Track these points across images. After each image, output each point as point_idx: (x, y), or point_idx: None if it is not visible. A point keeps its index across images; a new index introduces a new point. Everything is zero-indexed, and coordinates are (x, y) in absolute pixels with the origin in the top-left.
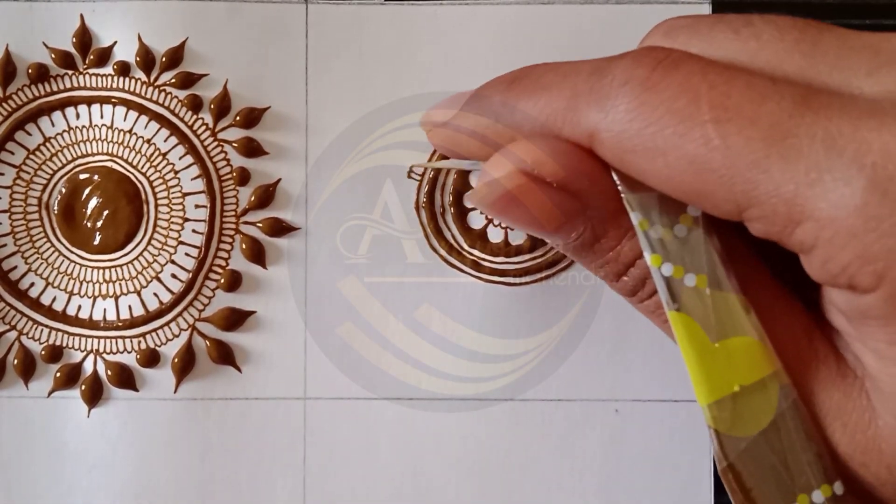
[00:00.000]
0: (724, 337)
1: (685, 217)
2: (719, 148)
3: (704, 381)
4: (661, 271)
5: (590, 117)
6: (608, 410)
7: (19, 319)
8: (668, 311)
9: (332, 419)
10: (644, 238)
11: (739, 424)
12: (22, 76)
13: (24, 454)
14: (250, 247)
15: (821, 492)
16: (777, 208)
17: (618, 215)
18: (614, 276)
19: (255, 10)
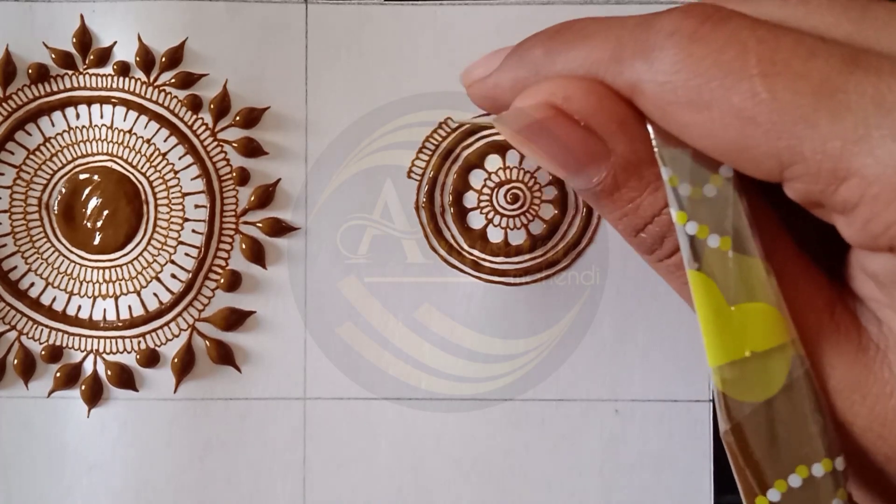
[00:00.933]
0: (741, 301)
1: (716, 177)
2: (766, 101)
3: (716, 343)
4: (685, 229)
5: (634, 68)
6: (608, 410)
7: (19, 319)
8: (688, 269)
9: (332, 419)
10: (672, 194)
11: (747, 390)
12: (22, 76)
13: (24, 454)
14: (250, 247)
15: (821, 465)
16: (822, 164)
17: (641, 166)
18: (633, 230)
19: (255, 10)
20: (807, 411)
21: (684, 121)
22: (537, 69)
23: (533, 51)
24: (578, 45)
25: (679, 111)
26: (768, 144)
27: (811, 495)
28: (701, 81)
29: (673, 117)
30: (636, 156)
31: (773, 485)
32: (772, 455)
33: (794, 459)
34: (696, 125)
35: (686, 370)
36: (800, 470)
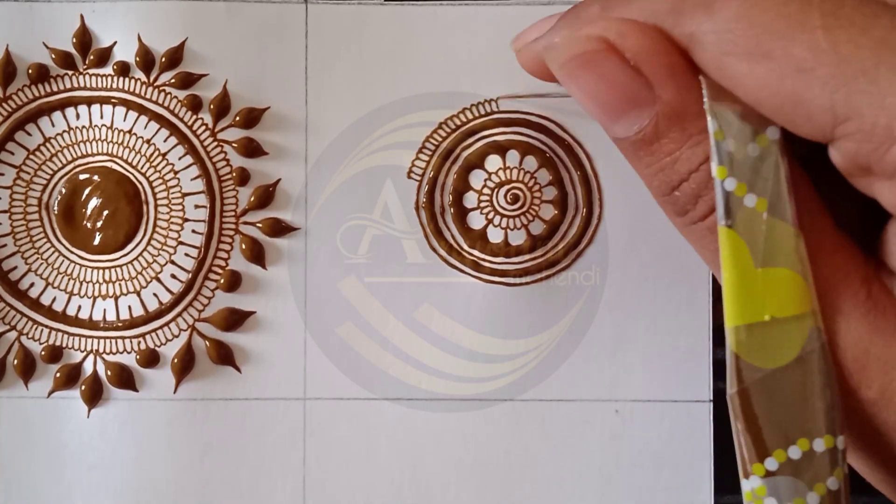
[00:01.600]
0: (768, 264)
1: (762, 137)
2: (827, 53)
3: (736, 303)
4: (723, 184)
5: (694, 18)
6: (608, 410)
7: (19, 319)
8: (719, 225)
9: (332, 419)
10: (715, 148)
11: (761, 354)
12: (22, 76)
13: (24, 454)
14: (250, 247)
15: (823, 441)
16: (878, 120)
17: (685, 117)
18: (667, 187)
19: (255, 10)
20: (816, 385)
21: (741, 71)
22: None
23: (590, 8)
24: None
25: (737, 62)
26: (824, 97)
27: (809, 469)
28: (762, 31)
29: (730, 68)
30: (682, 106)
31: (772, 453)
32: (775, 424)
33: (796, 431)
34: (752, 76)
35: (686, 370)
36: (801, 442)
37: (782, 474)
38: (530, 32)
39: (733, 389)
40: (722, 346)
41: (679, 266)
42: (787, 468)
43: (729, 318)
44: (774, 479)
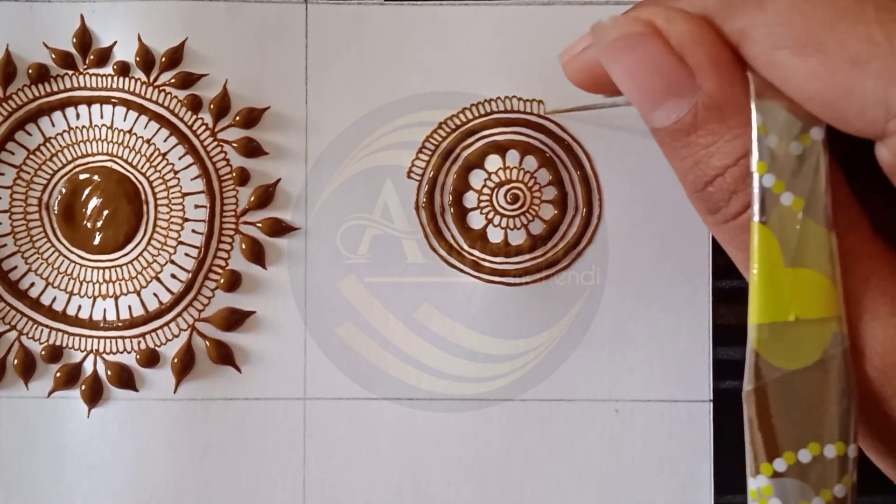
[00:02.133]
0: (798, 265)
1: (805, 137)
2: (882, 45)
3: (763, 301)
4: (762, 180)
5: (745, 12)
6: (608, 411)
7: (19, 319)
8: (753, 220)
9: (332, 419)
10: (757, 143)
11: (781, 354)
12: (22, 76)
13: (24, 454)
14: (250, 247)
15: (835, 447)
16: None
17: (725, 110)
18: (701, 183)
19: (255, 10)
20: (834, 391)
21: (793, 65)
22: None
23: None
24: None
25: (788, 55)
26: (878, 90)
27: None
28: (814, 24)
29: (781, 62)
30: (722, 98)
31: (781, 454)
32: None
33: (808, 435)
34: (804, 69)
35: (686, 370)
36: (812, 447)
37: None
38: (578, 44)
39: (750, 386)
40: (722, 346)
41: (679, 266)
42: (796, 471)
43: (753, 315)
44: (782, 481)
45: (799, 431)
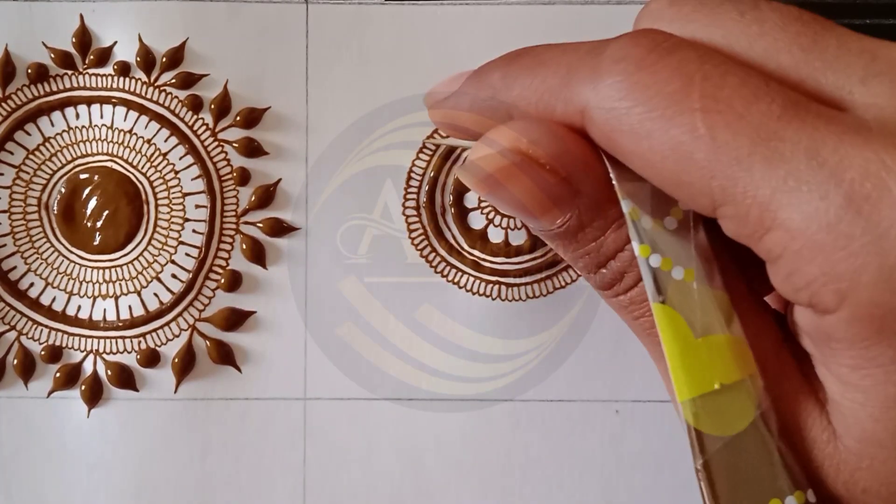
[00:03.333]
0: (707, 333)
1: (676, 210)
2: (704, 138)
3: (685, 377)
4: (648, 262)
5: (582, 93)
6: (608, 411)
7: (19, 319)
8: (653, 303)
9: (332, 419)
10: (633, 228)
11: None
12: (21, 76)
13: (24, 454)
14: (250, 247)
15: (794, 498)
16: (751, 210)
17: (606, 205)
18: (594, 267)
19: (255, 10)
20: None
21: (627, 150)
22: (494, 93)
23: (491, 75)
24: (533, 71)
25: (622, 139)
26: (702, 181)
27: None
28: (643, 110)
29: (617, 145)
30: (602, 195)
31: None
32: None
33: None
34: (637, 155)
35: None
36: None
37: None
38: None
39: (699, 462)
40: None
41: None
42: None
43: (680, 394)
44: None
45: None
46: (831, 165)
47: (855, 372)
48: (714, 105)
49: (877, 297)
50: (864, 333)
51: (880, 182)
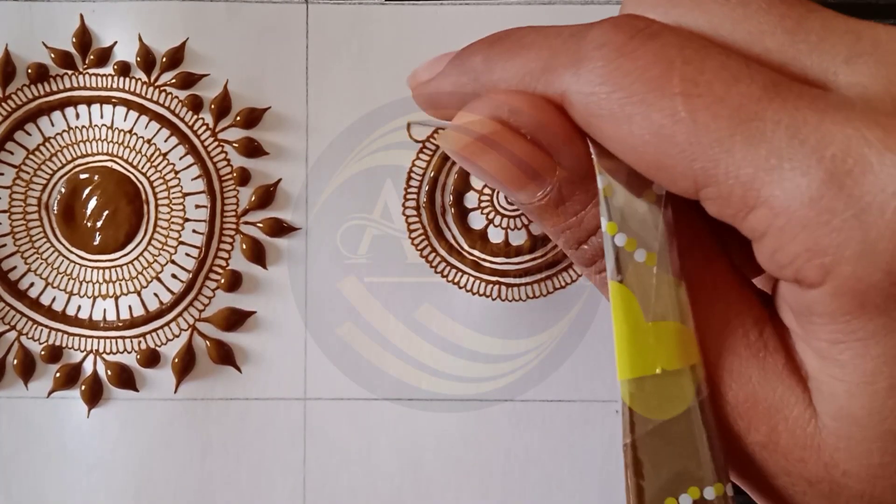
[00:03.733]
0: (658, 318)
1: (649, 193)
2: (685, 121)
3: (629, 357)
4: (613, 240)
5: (563, 78)
6: (608, 411)
7: (19, 319)
8: (610, 280)
9: (332, 419)
10: (605, 204)
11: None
12: (22, 76)
13: (24, 454)
14: (250, 247)
15: (713, 489)
16: (733, 190)
17: (586, 179)
18: (574, 242)
19: (255, 10)
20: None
21: (607, 134)
22: (476, 76)
23: (473, 58)
24: (515, 54)
25: (602, 124)
26: (684, 164)
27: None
28: (624, 95)
29: (597, 130)
30: (582, 169)
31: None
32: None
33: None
34: (617, 139)
35: None
36: (692, 491)
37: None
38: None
39: (627, 440)
40: None
41: None
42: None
43: (621, 372)
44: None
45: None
46: (812, 142)
47: (834, 346)
48: (694, 89)
49: (859, 270)
50: (847, 307)
51: (862, 157)
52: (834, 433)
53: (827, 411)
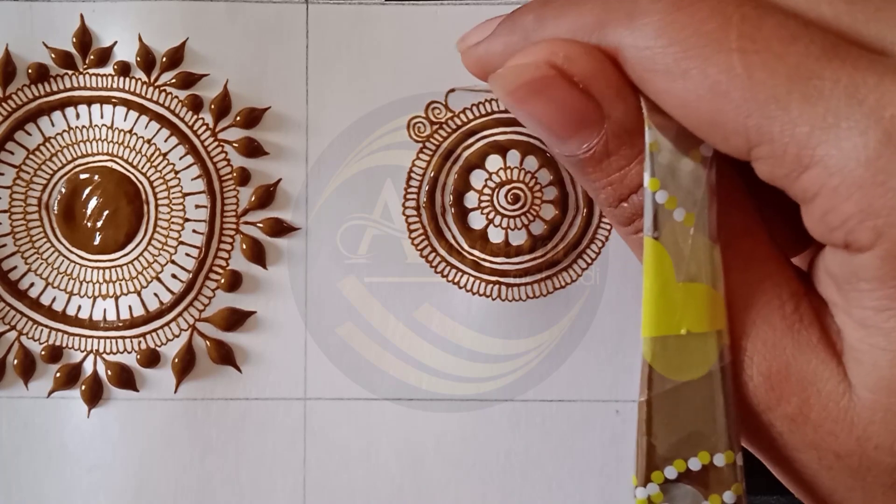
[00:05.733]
0: (689, 279)
1: (696, 153)
2: (741, 77)
3: (655, 315)
4: (654, 196)
5: (617, 32)
6: (608, 411)
7: (19, 319)
8: (645, 236)
9: (332, 419)
10: (649, 159)
11: (673, 367)
12: (22, 76)
13: (24, 454)
14: (250, 247)
15: (724, 456)
16: (788, 148)
17: (634, 135)
18: (615, 199)
19: (255, 10)
20: (721, 403)
21: (661, 89)
22: (528, 35)
23: (524, 17)
24: (567, 12)
25: (656, 79)
26: (738, 121)
27: (707, 481)
28: (679, 50)
29: (651, 85)
30: (631, 123)
31: (672, 462)
32: (678, 434)
33: (698, 444)
34: (671, 94)
35: None
36: (702, 455)
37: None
38: (472, 36)
39: (643, 397)
40: None
41: None
42: (686, 478)
43: (646, 329)
44: (672, 486)
45: (689, 440)
46: (871, 102)
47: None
48: (752, 45)
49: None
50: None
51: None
52: (870, 406)
53: (864, 383)
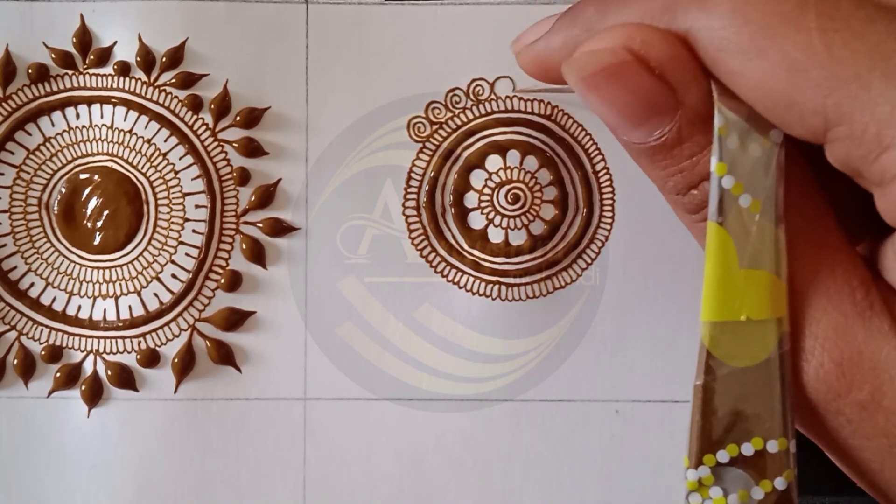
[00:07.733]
0: (752, 266)
1: (766, 140)
2: (821, 55)
3: (716, 300)
4: (721, 181)
5: (689, 14)
6: (608, 411)
7: (19, 319)
8: (710, 221)
9: (332, 419)
10: (717, 144)
11: (731, 352)
12: (22, 76)
13: (24, 454)
14: (250, 247)
15: (777, 442)
16: (868, 128)
17: (707, 121)
18: (685, 187)
19: (255, 10)
20: (778, 390)
21: (735, 69)
22: (590, 27)
23: (585, 10)
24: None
25: (731, 59)
26: (816, 100)
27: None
28: (756, 28)
29: (725, 66)
30: (705, 109)
31: (725, 446)
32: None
33: (752, 430)
34: (746, 74)
35: (686, 370)
36: (755, 441)
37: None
38: (529, 35)
39: (700, 381)
40: None
41: (679, 266)
42: (738, 463)
43: (706, 313)
44: (724, 470)
45: (744, 426)
46: None
47: None
48: (831, 24)
49: None
50: None
51: None
52: None
53: None
